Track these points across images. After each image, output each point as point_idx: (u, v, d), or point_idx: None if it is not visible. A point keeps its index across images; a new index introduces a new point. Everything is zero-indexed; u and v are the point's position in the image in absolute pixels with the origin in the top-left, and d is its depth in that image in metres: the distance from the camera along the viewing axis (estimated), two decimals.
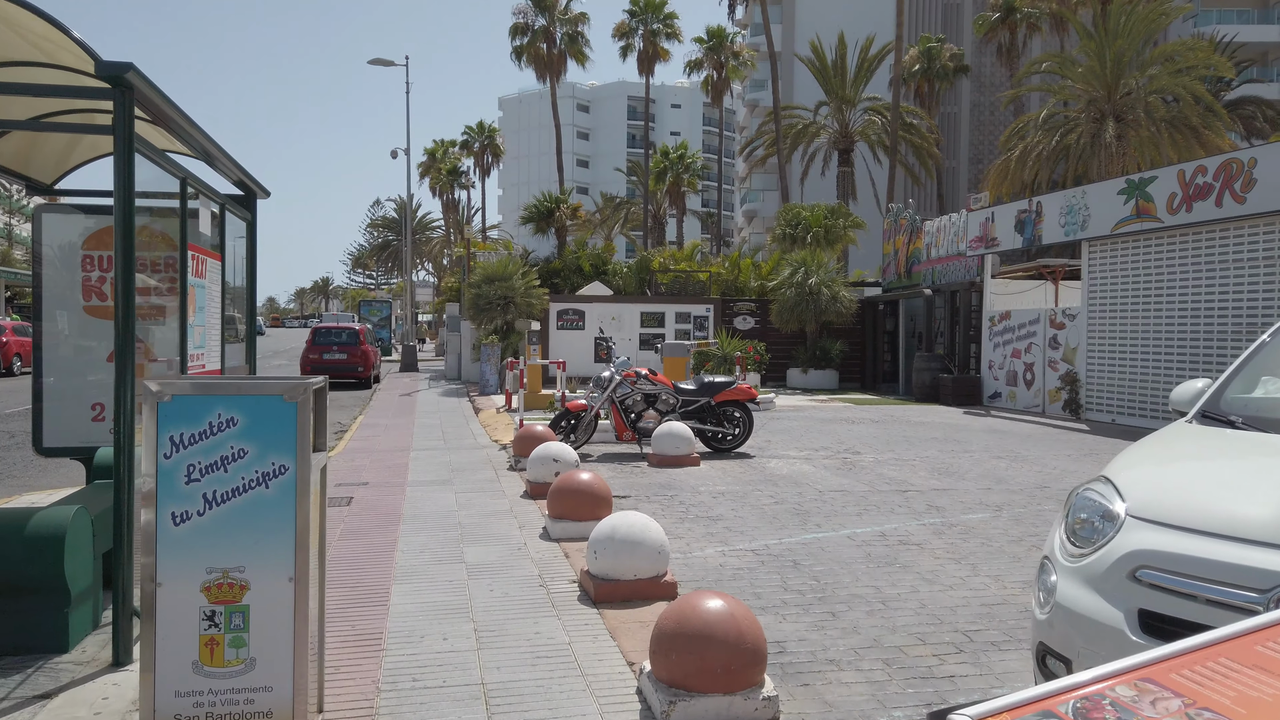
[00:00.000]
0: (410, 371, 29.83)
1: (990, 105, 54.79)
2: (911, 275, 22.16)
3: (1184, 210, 12.67)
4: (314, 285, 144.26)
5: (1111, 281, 14.46)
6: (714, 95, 44.44)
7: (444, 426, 14.73)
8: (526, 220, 31.18)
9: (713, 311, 23.46)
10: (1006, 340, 17.19)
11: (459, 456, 10.93)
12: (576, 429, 10.75)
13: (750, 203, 54.80)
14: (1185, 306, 12.99)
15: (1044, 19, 41.94)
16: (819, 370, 22.59)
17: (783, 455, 10.79)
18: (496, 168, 58.83)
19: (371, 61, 28.64)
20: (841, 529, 6.82)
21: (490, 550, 6.22)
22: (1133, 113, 28.99)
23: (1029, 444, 12.05)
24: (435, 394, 21.47)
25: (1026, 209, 16.35)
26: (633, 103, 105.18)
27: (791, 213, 29.33)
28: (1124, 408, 14.19)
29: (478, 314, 21.92)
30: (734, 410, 10.98)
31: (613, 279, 28.95)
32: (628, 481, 8.91)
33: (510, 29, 41.28)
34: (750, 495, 8.18)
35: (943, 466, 9.93)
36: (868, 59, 39.18)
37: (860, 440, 12.27)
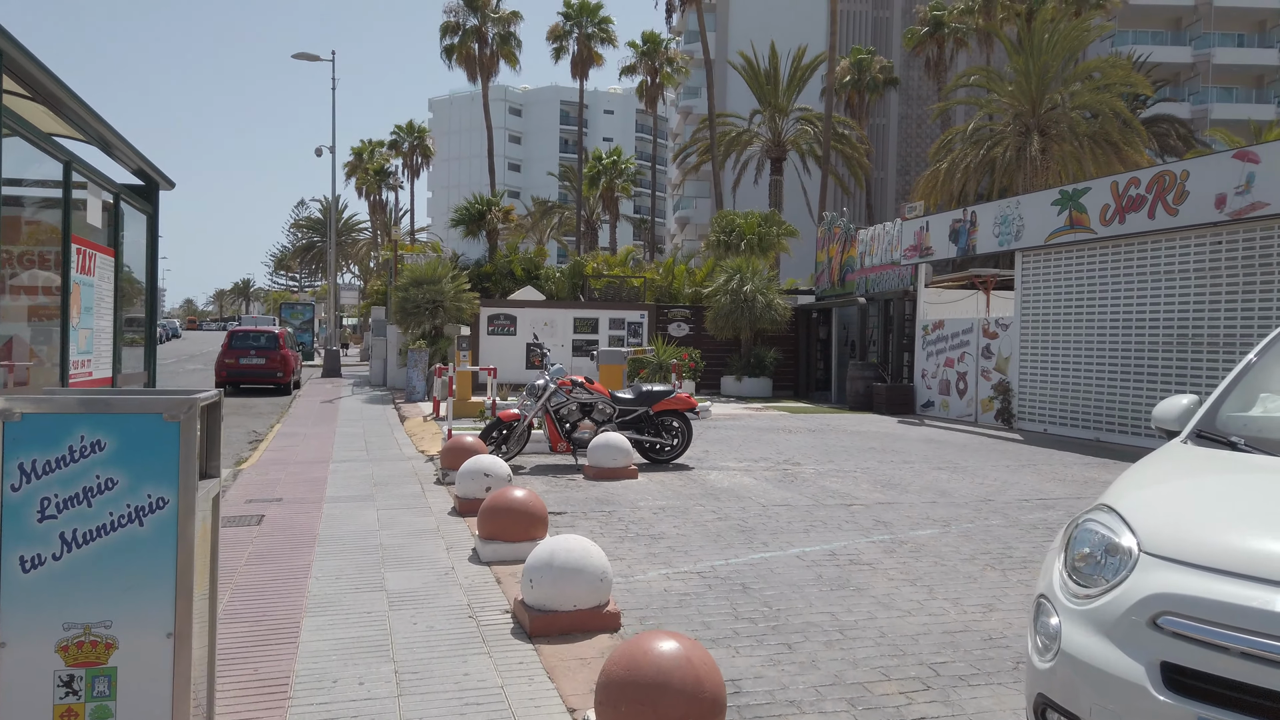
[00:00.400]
0: (333, 377, 28.83)
1: (918, 118, 55.79)
2: (845, 283, 22.17)
3: (1117, 221, 12.76)
4: (234, 287, 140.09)
5: (1045, 292, 14.54)
6: (648, 101, 44.25)
7: (367, 436, 14.06)
8: (457, 223, 30.44)
9: (647, 318, 23.13)
10: (940, 349, 17.22)
11: (382, 469, 10.33)
12: (508, 439, 10.26)
13: (683, 209, 54.78)
14: (1118, 317, 13.09)
15: (971, 34, 42.84)
16: (753, 378, 22.43)
17: (722, 467, 10.46)
18: (426, 169, 57.68)
19: (296, 56, 27.62)
20: (789, 547, 6.49)
21: (414, 576, 5.71)
22: (1056, 127, 29.66)
23: (966, 454, 11.96)
24: (359, 401, 20.67)
25: (961, 218, 16.40)
26: (565, 107, 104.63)
27: (726, 219, 29.21)
28: (1056, 418, 14.26)
29: (405, 318, 21.19)
30: (672, 420, 10.62)
31: (545, 284, 28.42)
32: (563, 496, 8.47)
33: (441, 27, 40.49)
34: (692, 510, 7.81)
35: (884, 478, 9.72)
36: (800, 69, 39.45)
37: (799, 450, 12.03)
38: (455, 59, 40.40)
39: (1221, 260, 11.47)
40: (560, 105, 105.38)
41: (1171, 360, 12.18)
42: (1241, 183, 10.87)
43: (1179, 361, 12.06)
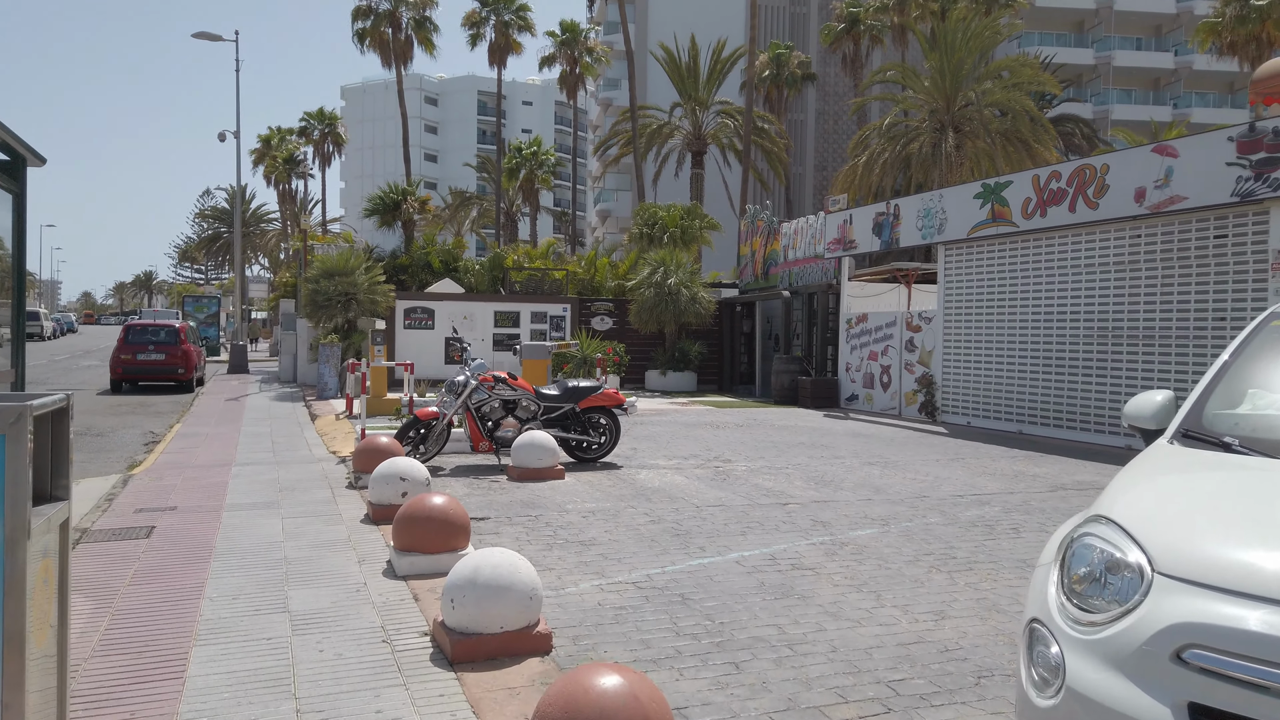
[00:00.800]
0: (240, 373, 27.55)
1: (834, 114, 56.44)
2: (769, 277, 22.08)
3: (1038, 215, 12.84)
4: (135, 280, 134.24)
5: (967, 285, 14.60)
6: (568, 91, 43.63)
7: (274, 436, 13.28)
8: (370, 213, 29.41)
9: (570, 311, 22.66)
10: (864, 343, 17.21)
11: (290, 472, 9.67)
12: (426, 439, 9.71)
13: (604, 202, 54.33)
14: (1039, 311, 13.18)
15: (886, 31, 43.42)
16: (677, 372, 22.18)
17: (652, 465, 10.10)
18: (338, 157, 55.91)
19: (196, 35, 26.24)
20: (728, 552, 6.16)
21: (322, 594, 5.19)
22: (970, 124, 30.19)
23: (894, 448, 11.87)
24: (267, 398, 19.69)
25: (884, 211, 16.39)
26: (483, 98, 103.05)
27: (648, 212, 28.93)
28: (979, 411, 14.34)
29: (315, 311, 20.27)
30: (600, 417, 10.21)
31: (464, 277, 27.67)
32: (486, 499, 7.98)
33: (353, 11, 39.18)
34: (624, 513, 7.42)
35: (817, 475, 9.50)
36: (721, 62, 39.40)
37: (728, 447, 11.77)
38: (368, 44, 39.14)
39: (1141, 253, 11.60)
40: (478, 95, 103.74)
41: (1092, 353, 12.30)
42: (1161, 176, 10.99)
43: (1099, 354, 12.19)
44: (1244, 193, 10.02)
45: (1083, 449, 11.83)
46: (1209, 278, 10.76)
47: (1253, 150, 9.95)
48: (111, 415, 16.36)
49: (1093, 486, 9.01)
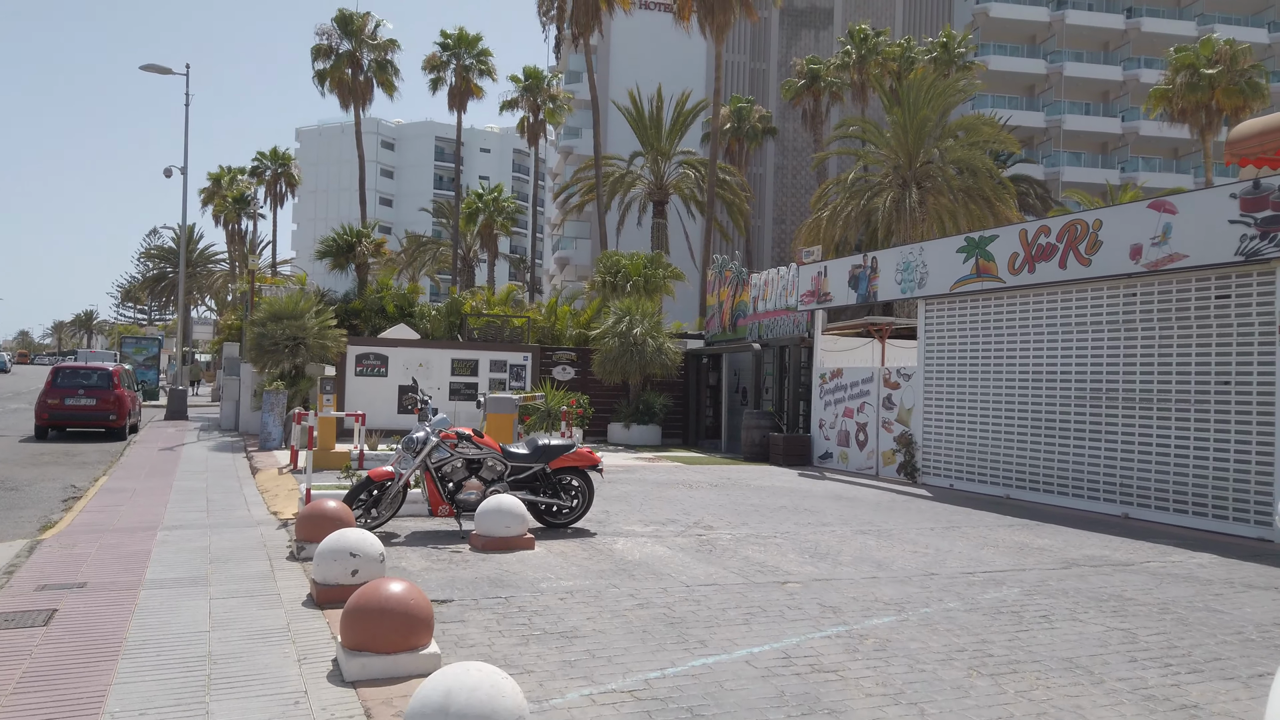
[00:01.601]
0: (178, 420, 26.12)
1: (793, 168, 56.82)
2: (737, 328, 21.49)
3: (1026, 271, 12.39)
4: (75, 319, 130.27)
5: (949, 341, 14.08)
6: (529, 137, 43.23)
7: (210, 492, 12.17)
8: (323, 254, 28.37)
9: (531, 360, 21.77)
10: (838, 399, 16.60)
11: (224, 538, 8.63)
12: (380, 502, 8.75)
13: (563, 250, 53.78)
14: (1027, 370, 12.67)
15: (845, 88, 43.89)
16: (642, 425, 21.37)
17: (629, 532, 9.24)
18: (291, 198, 54.79)
19: (145, 68, 25.23)
20: (733, 648, 5.32)
21: (252, 708, 4.25)
22: (932, 181, 30.26)
23: (882, 514, 11.16)
24: (205, 448, 18.46)
25: (861, 264, 15.91)
26: (441, 143, 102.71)
27: (611, 260, 28.31)
28: (962, 473, 13.73)
29: (261, 356, 19.16)
30: (571, 478, 9.35)
31: (420, 322, 26.69)
32: (448, 575, 7.06)
33: (312, 50, 38.40)
34: (606, 594, 6.55)
35: (810, 546, 8.72)
36: (683, 113, 39.31)
37: (707, 510, 10.95)
38: (328, 85, 38.37)
39: (1137, 313, 11.16)
40: (435, 141, 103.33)
41: (1085, 416, 11.78)
42: (1158, 233, 10.58)
43: (1093, 417, 11.66)
44: (1249, 251, 9.62)
45: (1078, 517, 11.23)
46: (1210, 340, 10.31)
47: (1258, 208, 9.57)
48: (31, 466, 15.05)
49: (1105, 562, 8.35)
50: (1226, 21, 55.72)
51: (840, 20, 56.84)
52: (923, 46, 43.00)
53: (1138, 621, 6.21)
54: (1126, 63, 55.90)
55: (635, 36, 53.63)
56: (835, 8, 57.35)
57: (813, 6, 57.30)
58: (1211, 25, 54.51)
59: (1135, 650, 5.53)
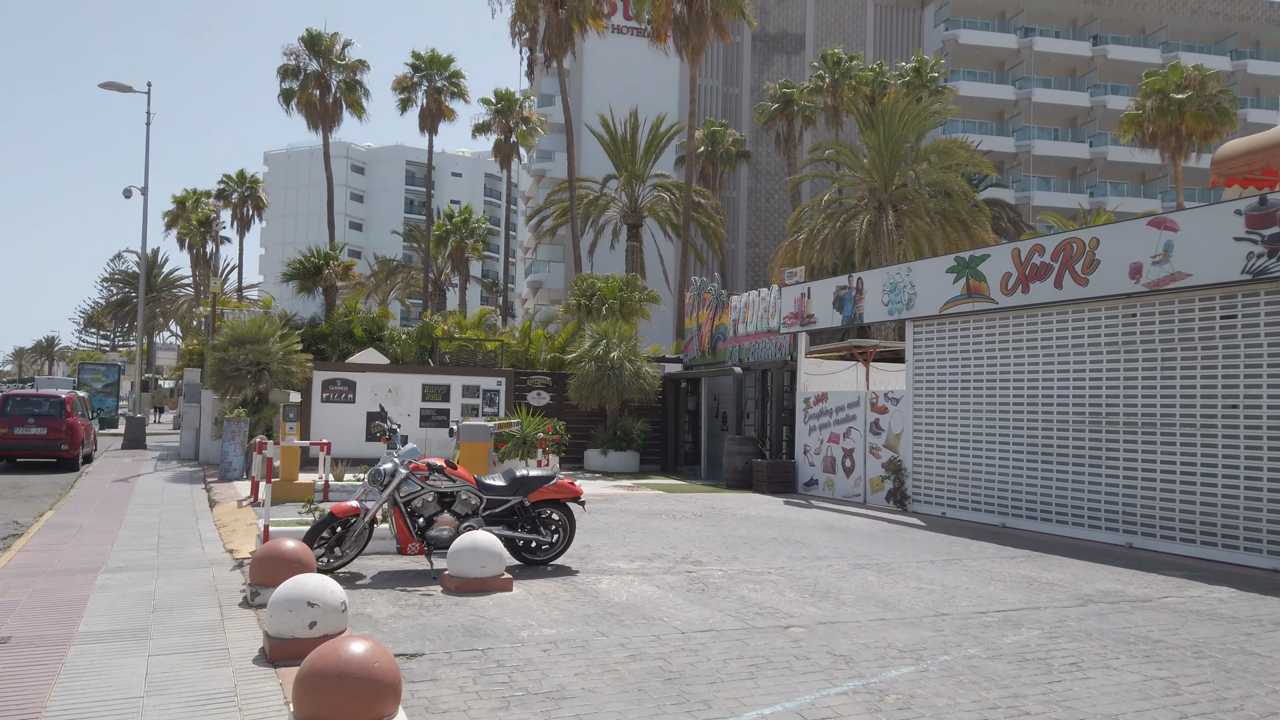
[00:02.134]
0: (136, 449, 25.12)
1: (766, 192, 56.79)
2: (716, 352, 20.99)
3: (1020, 291, 11.99)
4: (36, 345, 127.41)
5: (939, 364, 13.64)
6: (502, 160, 42.74)
7: (163, 528, 11.40)
8: (289, 277, 27.56)
9: (505, 385, 21.14)
10: (823, 424, 16.11)
11: (172, 581, 7.90)
12: (343, 540, 8.07)
13: (536, 273, 53.17)
14: (1022, 393, 12.24)
15: (819, 112, 43.91)
16: (619, 451, 20.76)
17: (613, 569, 8.62)
18: (258, 222, 53.81)
19: (104, 85, 24.46)
20: (741, 709, 4.73)
21: None
22: (909, 204, 30.11)
23: (877, 545, 10.63)
24: (162, 479, 17.60)
25: (846, 285, 15.48)
26: (412, 167, 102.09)
27: (586, 283, 27.78)
28: (955, 501, 13.25)
29: (222, 382, 18.36)
30: (551, 512, 8.73)
31: (390, 347, 25.93)
32: (418, 623, 6.40)
33: (279, 70, 37.76)
34: (594, 644, 5.93)
35: (808, 584, 8.15)
36: (658, 136, 39.04)
37: (693, 543, 10.36)
38: (295, 105, 37.68)
39: (1137, 334, 10.77)
40: (406, 165, 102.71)
41: (1084, 441, 11.35)
42: (1159, 252, 10.22)
43: (1093, 442, 11.23)
44: (1256, 270, 9.26)
45: (1081, 547, 10.76)
46: (1216, 361, 9.92)
47: (1265, 224, 9.22)
48: None
49: (1122, 598, 7.85)
50: (1190, 49, 56.66)
51: (812, 46, 57.13)
52: (895, 71, 43.16)
53: (1175, 668, 5.69)
54: (1094, 89, 56.61)
55: (608, 60, 53.51)
56: (807, 34, 57.67)
57: (784, 32, 57.56)
58: (1176, 53, 55.39)
59: (1182, 704, 5.00)
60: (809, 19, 57.63)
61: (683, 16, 31.65)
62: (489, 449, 10.72)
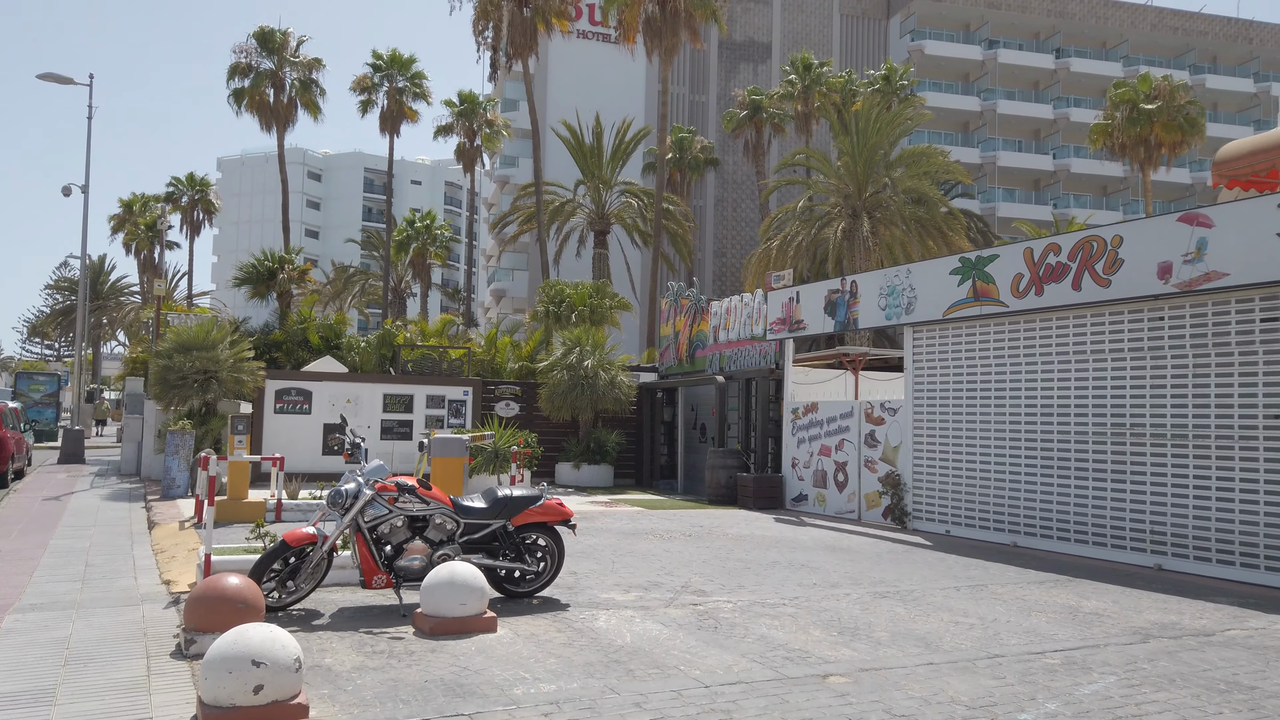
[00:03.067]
0: (74, 463, 23.54)
1: (733, 200, 56.21)
2: (695, 360, 20.06)
3: (1033, 293, 11.21)
4: None
5: (942, 372, 12.83)
6: (465, 164, 41.56)
7: (93, 554, 10.16)
8: (242, 281, 26.17)
9: (472, 395, 20.00)
10: (813, 435, 15.23)
11: (95, 623, 6.73)
12: (298, 572, 6.96)
13: (499, 281, 51.94)
14: (1036, 403, 11.44)
15: (788, 120, 43.36)
16: (592, 465, 19.72)
17: (608, 602, 7.60)
18: (210, 227, 51.95)
19: (42, 76, 22.96)
20: None
21: None
22: (883, 210, 29.53)
23: (889, 568, 9.72)
24: (99, 497, 16.22)
25: (839, 289, 14.63)
26: (370, 174, 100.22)
27: (555, 289, 26.75)
28: (960, 518, 12.41)
29: (166, 391, 17.01)
30: (537, 537, 7.69)
31: (347, 355, 24.65)
32: (388, 677, 5.33)
33: (230, 69, 36.22)
34: (604, 704, 4.90)
35: (831, 618, 7.20)
36: (625, 141, 38.18)
37: (690, 568, 9.37)
38: (246, 105, 36.14)
39: (1165, 338, 10.01)
40: (365, 172, 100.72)
41: (1105, 453, 10.56)
42: (1191, 249, 9.47)
43: (1115, 455, 10.45)
44: None
45: (1106, 569, 9.95)
46: (1256, 367, 9.18)
47: None
48: None
49: (1182, 631, 7.01)
50: (1151, 63, 57.17)
51: (778, 55, 56.78)
52: (864, 79, 42.79)
53: None
54: (1056, 101, 56.89)
55: (572, 66, 52.62)
56: (773, 42, 57.31)
57: (751, 40, 57.15)
58: (1136, 67, 55.91)
59: None
60: (775, 28, 57.29)
61: (654, 17, 30.83)
62: (464, 465, 9.59)
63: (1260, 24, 61.03)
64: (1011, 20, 57.67)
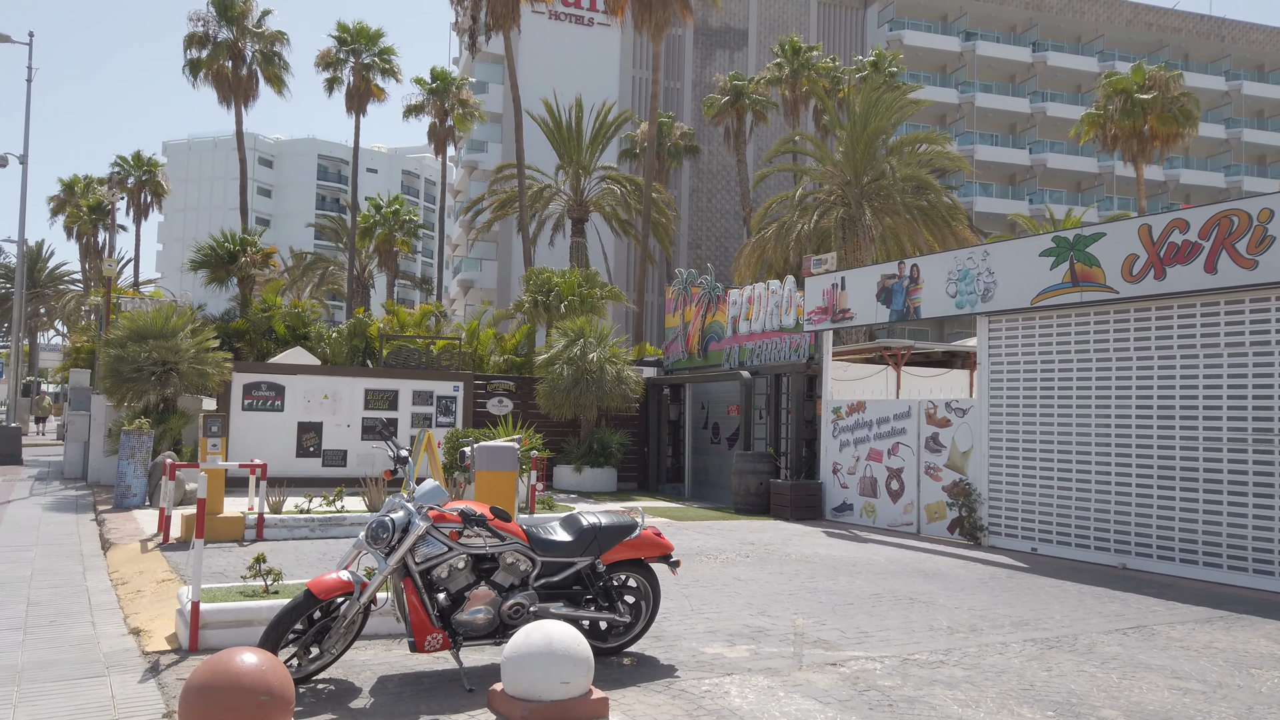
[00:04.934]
0: (9, 465, 21.15)
1: (708, 191, 54.68)
2: (708, 354, 18.40)
3: (1152, 277, 9.73)
4: None
5: (1027, 367, 11.32)
6: (437, 145, 39.39)
7: (36, 584, 8.21)
8: (199, 265, 23.90)
9: (463, 391, 18.14)
10: (860, 438, 13.66)
11: (40, 707, 4.84)
12: (326, 634, 5.15)
13: (466, 272, 49.76)
14: (1151, 402, 9.97)
15: (769, 107, 41.90)
16: (595, 468, 17.97)
17: (719, 661, 5.90)
18: (157, 212, 48.94)
19: None
20: None
21: None
22: (882, 199, 28.19)
23: (1010, 599, 8.16)
24: (39, 506, 14.09)
25: (895, 274, 13.06)
26: (325, 162, 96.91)
27: (541, 278, 24.91)
28: (1049, 533, 10.92)
29: (119, 385, 14.93)
30: (628, 576, 5.97)
31: (317, 346, 22.59)
32: None
33: (186, 39, 33.63)
34: None
35: (1017, 683, 5.58)
36: (604, 125, 36.32)
37: (779, 603, 7.69)
38: (204, 76, 33.59)
39: None
40: (319, 159, 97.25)
41: (1246, 463, 9.11)
42: None
43: (1260, 464, 9.00)
44: None
45: (1263, 601, 8.49)
46: None
47: None
48: None
49: None
50: (1125, 59, 56.77)
51: (755, 42, 55.37)
52: (851, 66, 41.51)
53: None
54: (1033, 96, 56.28)
55: (545, 49, 50.56)
56: (750, 28, 55.84)
57: (727, 26, 55.59)
58: (1111, 62, 55.52)
59: None
60: (752, 14, 55.82)
61: None
62: (515, 480, 7.70)
63: (1232, 22, 61.14)
64: (989, 12, 56.92)
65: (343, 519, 10.89)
